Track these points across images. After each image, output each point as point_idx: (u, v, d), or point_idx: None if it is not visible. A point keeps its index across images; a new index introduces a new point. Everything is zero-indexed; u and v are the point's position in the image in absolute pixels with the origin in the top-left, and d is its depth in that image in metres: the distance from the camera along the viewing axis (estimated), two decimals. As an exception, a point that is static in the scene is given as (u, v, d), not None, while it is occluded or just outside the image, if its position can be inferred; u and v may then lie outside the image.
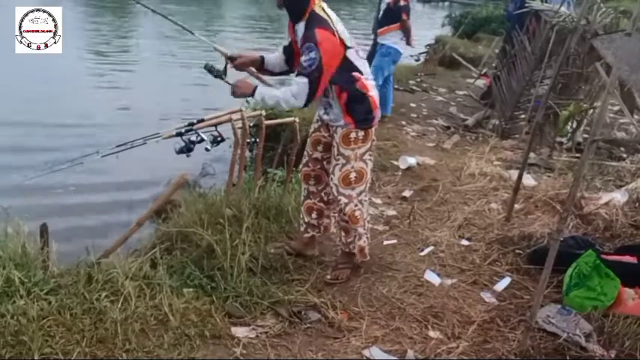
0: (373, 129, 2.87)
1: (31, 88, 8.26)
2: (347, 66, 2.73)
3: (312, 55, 2.57)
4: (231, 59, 2.90)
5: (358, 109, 2.78)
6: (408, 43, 6.48)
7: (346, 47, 2.70)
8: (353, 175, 2.85)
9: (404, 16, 6.25)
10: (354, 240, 3.04)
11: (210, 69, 2.85)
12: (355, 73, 2.76)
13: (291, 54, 2.90)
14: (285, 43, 2.97)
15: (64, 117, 7.41)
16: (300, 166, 3.15)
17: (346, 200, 2.88)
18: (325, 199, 3.12)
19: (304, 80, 2.61)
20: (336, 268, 3.09)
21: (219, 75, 2.85)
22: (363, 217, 2.98)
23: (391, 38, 6.33)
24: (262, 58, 2.97)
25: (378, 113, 2.87)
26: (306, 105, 2.71)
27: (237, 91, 2.78)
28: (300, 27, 2.70)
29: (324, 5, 2.74)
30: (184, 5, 19.75)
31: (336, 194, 2.89)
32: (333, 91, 2.77)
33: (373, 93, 2.83)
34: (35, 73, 8.80)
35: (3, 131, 6.53)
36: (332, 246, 3.46)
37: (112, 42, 13.12)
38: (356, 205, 2.90)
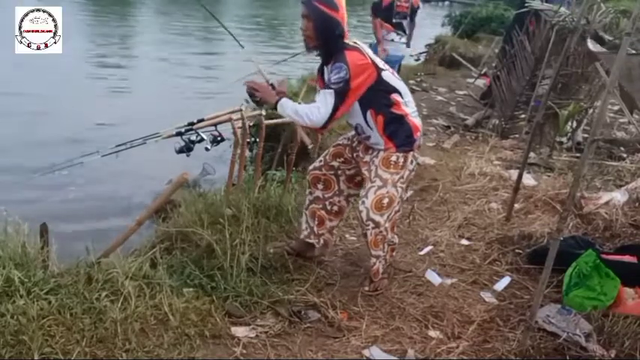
0: (411, 155, 2.80)
1: (31, 89, 8.26)
2: (384, 87, 2.70)
3: (342, 74, 2.56)
4: (272, 86, 2.89)
5: (398, 132, 2.74)
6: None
7: (380, 69, 2.69)
8: (386, 201, 2.76)
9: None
10: (376, 260, 2.94)
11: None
12: (394, 95, 2.73)
13: None
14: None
15: (63, 117, 7.41)
16: (310, 169, 3.09)
17: (373, 225, 2.78)
18: (329, 208, 3.08)
19: (330, 92, 2.58)
20: (372, 279, 3.00)
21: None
22: (384, 242, 2.90)
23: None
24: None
25: (418, 137, 2.82)
26: (327, 123, 2.63)
27: (258, 96, 2.74)
28: (330, 65, 2.68)
29: (355, 40, 2.76)
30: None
31: (364, 219, 2.78)
32: (370, 116, 2.73)
33: (413, 117, 2.80)
34: (35, 73, 8.80)
35: (3, 132, 6.53)
36: (332, 246, 3.46)
37: (112, 43, 13.12)
38: (381, 232, 2.82)
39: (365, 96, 2.68)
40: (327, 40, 2.65)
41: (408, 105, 2.79)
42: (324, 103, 2.59)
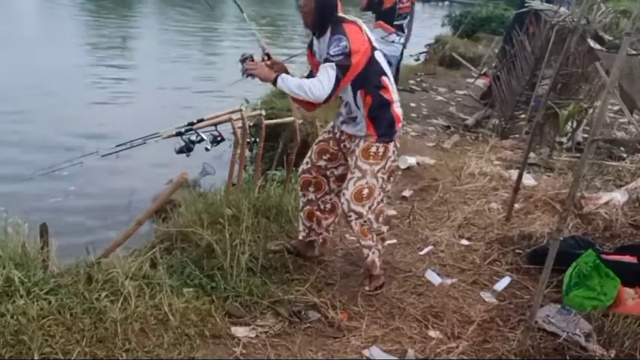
0: (392, 145, 2.81)
1: (31, 89, 8.26)
2: (376, 68, 2.70)
3: (343, 43, 2.55)
4: (268, 56, 2.88)
5: (381, 119, 2.74)
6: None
7: (374, 47, 2.69)
8: (365, 192, 2.78)
9: None
10: (369, 251, 2.95)
11: (244, 59, 2.74)
12: (384, 78, 2.73)
13: None
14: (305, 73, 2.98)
15: (63, 118, 7.41)
16: (300, 172, 3.09)
17: (356, 216, 2.82)
18: (322, 207, 3.09)
19: (331, 64, 2.55)
20: (371, 278, 3.00)
21: (248, 57, 2.74)
22: (371, 230, 2.91)
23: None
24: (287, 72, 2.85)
25: (400, 128, 2.83)
26: (329, 97, 2.59)
27: (255, 74, 2.67)
28: (325, 38, 2.68)
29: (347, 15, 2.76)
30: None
31: (346, 210, 2.81)
32: (359, 96, 2.73)
33: (397, 107, 2.80)
34: (35, 74, 8.81)
35: (2, 132, 6.53)
36: (332, 245, 3.46)
37: (111, 45, 13.12)
38: (365, 221, 2.84)
39: (358, 75, 2.66)
40: (325, 18, 2.65)
41: (394, 92, 2.79)
42: (326, 76, 2.56)
